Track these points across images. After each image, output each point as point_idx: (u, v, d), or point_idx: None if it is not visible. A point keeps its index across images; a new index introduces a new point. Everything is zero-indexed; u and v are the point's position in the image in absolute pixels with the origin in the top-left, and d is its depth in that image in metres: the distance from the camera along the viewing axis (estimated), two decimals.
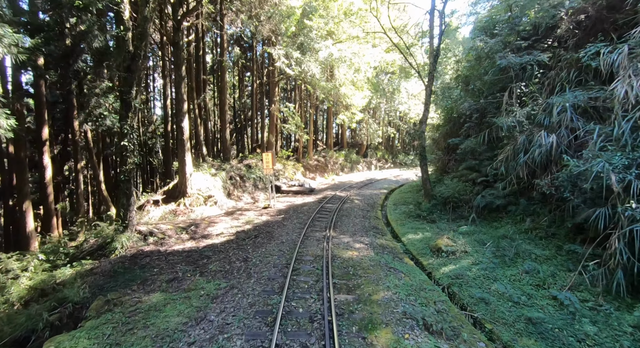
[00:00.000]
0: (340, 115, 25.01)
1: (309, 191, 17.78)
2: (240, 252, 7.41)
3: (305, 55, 15.96)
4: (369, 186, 20.31)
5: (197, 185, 12.85)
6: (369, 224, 10.37)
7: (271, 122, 20.97)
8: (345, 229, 9.49)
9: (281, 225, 9.89)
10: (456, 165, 13.39)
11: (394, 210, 12.75)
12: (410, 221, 10.64)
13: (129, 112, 7.42)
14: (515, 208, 8.71)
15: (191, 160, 12.72)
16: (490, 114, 11.33)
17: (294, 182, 19.97)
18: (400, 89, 29.55)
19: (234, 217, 11.16)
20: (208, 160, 16.21)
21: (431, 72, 11.40)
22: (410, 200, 14.05)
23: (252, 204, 14.55)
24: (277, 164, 21.52)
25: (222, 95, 17.60)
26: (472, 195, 10.47)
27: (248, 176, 17.06)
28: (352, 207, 13.02)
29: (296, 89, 30.00)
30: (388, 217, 11.76)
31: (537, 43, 9.40)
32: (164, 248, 7.70)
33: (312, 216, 10.90)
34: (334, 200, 14.69)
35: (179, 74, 12.09)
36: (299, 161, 25.77)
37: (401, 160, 39.10)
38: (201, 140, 16.57)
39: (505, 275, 5.93)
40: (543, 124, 8.25)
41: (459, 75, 13.80)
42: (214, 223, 10.07)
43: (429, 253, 7.54)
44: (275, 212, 11.98)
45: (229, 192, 14.56)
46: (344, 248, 7.55)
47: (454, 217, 10.40)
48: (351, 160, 31.58)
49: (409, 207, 12.51)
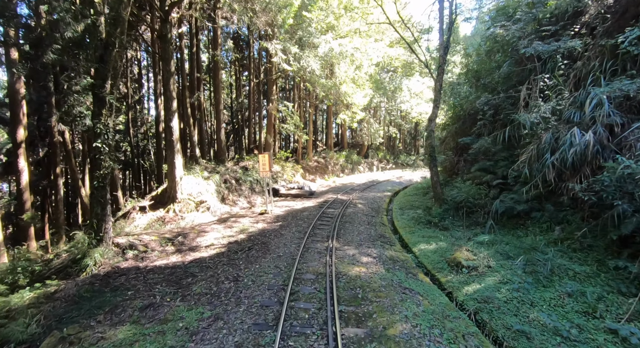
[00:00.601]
0: (340, 115, 24.10)
1: (309, 194, 16.85)
2: (231, 268, 6.46)
3: (304, 51, 15.06)
4: (371, 188, 19.38)
5: (188, 190, 11.91)
6: (375, 232, 9.43)
7: (269, 122, 20.04)
8: (350, 238, 8.55)
9: (278, 234, 8.94)
10: (467, 167, 12.47)
11: (400, 215, 11.81)
12: (421, 228, 9.70)
13: (102, 109, 6.48)
14: (540, 215, 7.78)
15: (181, 163, 11.78)
16: (505, 110, 10.44)
17: (293, 184, 19.04)
18: (402, 87, 28.66)
19: (227, 224, 10.21)
20: (201, 163, 15.27)
21: (441, 66, 10.49)
22: (417, 204, 13.12)
23: (248, 209, 13.61)
24: (275, 166, 20.60)
25: (216, 93, 16.67)
26: (488, 200, 9.54)
27: (244, 179, 16.12)
28: (356, 212, 12.09)
29: (295, 88, 29.09)
30: (395, 224, 10.82)
31: (562, 31, 8.48)
32: (144, 265, 6.75)
33: (313, 223, 9.96)
34: (335, 204, 13.75)
35: (167, 70, 11.16)
36: (298, 162, 24.84)
37: (403, 160, 38.19)
38: (194, 141, 15.63)
39: (543, 298, 4.99)
40: (572, 120, 7.34)
41: (468, 70, 12.90)
42: (204, 233, 9.12)
43: (446, 268, 6.60)
44: (273, 219, 11.04)
45: (223, 197, 13.61)
46: (349, 263, 6.61)
47: (468, 223, 9.47)
48: (352, 161, 30.66)
49: (417, 211, 11.58)
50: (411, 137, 47.04)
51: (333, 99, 20.78)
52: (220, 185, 13.67)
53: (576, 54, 8.47)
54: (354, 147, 36.17)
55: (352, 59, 15.81)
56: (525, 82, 9.84)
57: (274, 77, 19.62)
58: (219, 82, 16.57)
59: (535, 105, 7.99)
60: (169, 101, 11.26)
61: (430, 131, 10.80)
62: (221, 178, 14.06)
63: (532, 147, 7.79)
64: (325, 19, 15.01)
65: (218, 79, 16.51)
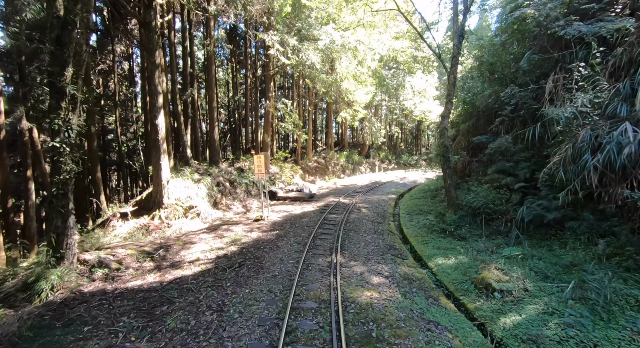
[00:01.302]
0: (341, 113, 23.05)
1: (309, 197, 15.79)
2: (216, 292, 5.39)
3: (304, 44, 13.98)
4: (375, 191, 18.32)
5: (175, 194, 10.83)
6: (384, 243, 8.37)
7: (266, 121, 18.97)
8: (356, 251, 7.49)
9: (274, 246, 7.87)
10: (481, 168, 11.43)
11: (409, 221, 10.76)
12: (434, 237, 8.65)
13: (61, 102, 5.40)
14: (577, 225, 6.73)
15: (168, 165, 10.71)
16: (527, 105, 9.40)
17: (292, 186, 17.97)
18: (405, 85, 27.61)
19: (218, 233, 9.14)
20: (193, 164, 14.19)
21: (455, 56, 9.43)
22: (426, 209, 12.07)
23: (242, 214, 12.53)
24: (273, 167, 19.54)
25: (210, 90, 15.59)
26: (510, 206, 8.50)
27: (239, 181, 15.05)
28: (360, 218, 11.03)
29: (294, 86, 28.04)
30: (404, 231, 9.77)
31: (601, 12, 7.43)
32: (113, 287, 5.68)
33: (313, 232, 8.90)
34: (337, 208, 12.69)
35: (151, 61, 10.08)
36: (298, 163, 23.78)
37: (405, 160, 37.15)
38: (185, 141, 14.55)
39: (608, 338, 3.94)
40: (616, 115, 6.30)
41: (481, 63, 11.85)
42: (191, 244, 8.05)
43: (473, 291, 5.54)
44: (269, 226, 9.97)
45: (215, 201, 12.53)
46: (358, 285, 5.55)
47: (488, 232, 8.42)
48: (353, 162, 29.60)
49: (427, 217, 10.52)
50: (413, 137, 46.02)
51: (334, 95, 19.72)
52: (213, 188, 12.59)
53: (613, 40, 7.44)
54: (355, 147, 35.13)
55: (354, 53, 14.74)
56: (551, 72, 8.82)
57: (272, 73, 18.54)
58: (212, 78, 15.49)
59: (569, 98, 6.94)
60: (154, 97, 10.18)
61: (443, 129, 9.75)
62: (213, 180, 12.98)
63: (566, 146, 6.74)
64: (327, 8, 13.93)
65: (212, 74, 15.43)
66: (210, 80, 15.42)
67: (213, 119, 15.62)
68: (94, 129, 12.36)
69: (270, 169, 19.04)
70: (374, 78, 20.07)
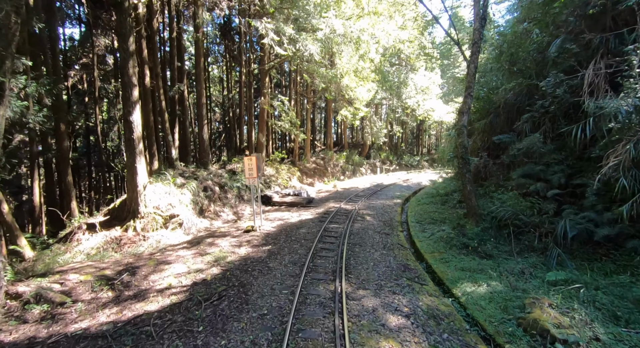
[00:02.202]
0: (341, 111, 21.73)
1: (307, 202, 14.45)
2: (182, 343, 4.03)
3: (301, 34, 12.64)
4: (378, 194, 17.01)
5: (154, 201, 9.46)
6: (396, 261, 7.05)
7: (261, 119, 17.63)
8: (365, 274, 6.16)
9: (265, 267, 6.52)
10: (502, 171, 10.15)
11: (421, 232, 9.45)
12: (455, 254, 7.33)
13: None
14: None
15: (145, 167, 9.34)
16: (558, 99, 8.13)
17: (289, 190, 16.63)
18: (408, 82, 26.36)
19: (200, 249, 7.78)
20: (178, 166, 12.81)
21: (476, 42, 8.13)
22: (439, 217, 10.77)
23: (232, 223, 11.17)
24: (268, 169, 18.19)
25: (198, 84, 14.23)
26: (546, 218, 7.19)
27: (231, 185, 13.68)
28: (365, 228, 9.71)
29: (291, 84, 26.71)
30: (417, 245, 8.45)
31: None
32: (48, 332, 4.31)
33: (313, 247, 7.56)
34: (339, 216, 11.36)
35: (124, 48, 8.71)
36: (295, 164, 22.45)
37: (406, 161, 35.92)
38: (170, 140, 13.16)
39: None
40: None
41: (500, 53, 10.57)
42: (165, 265, 6.69)
43: (521, 337, 4.22)
44: (261, 239, 8.62)
45: (201, 208, 11.15)
46: (371, 330, 4.22)
47: (518, 248, 7.12)
48: (353, 163, 28.31)
49: (442, 228, 9.21)
50: (414, 136, 44.84)
51: (334, 92, 18.40)
52: (199, 193, 11.21)
53: None
54: (355, 147, 33.86)
55: (357, 43, 13.42)
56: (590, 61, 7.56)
57: (267, 67, 17.19)
58: (201, 72, 14.12)
59: (630, 88, 5.65)
60: (128, 89, 8.81)
61: (462, 127, 8.44)
62: (200, 185, 11.61)
63: (626, 146, 5.45)
64: None
65: (200, 67, 14.05)
66: (199, 74, 14.05)
67: (202, 116, 14.25)
68: (64, 127, 10.96)
69: (265, 171, 17.71)
70: (377, 74, 18.77)
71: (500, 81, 11.09)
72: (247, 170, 9.57)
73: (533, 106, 8.44)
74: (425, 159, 38.53)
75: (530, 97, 9.63)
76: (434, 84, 29.43)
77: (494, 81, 11.29)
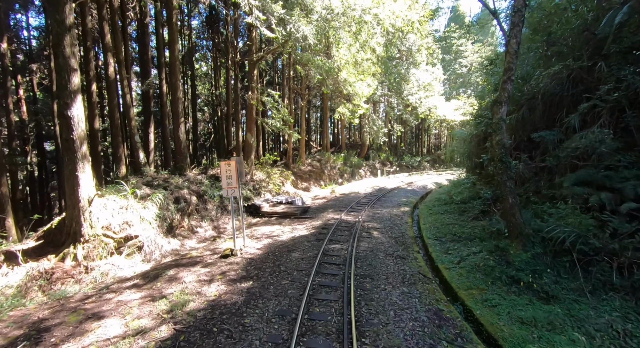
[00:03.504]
0: (339, 109, 19.77)
1: (302, 212, 12.44)
2: None
3: (293, 13, 10.65)
4: (382, 201, 15.06)
5: (104, 220, 7.36)
6: (423, 306, 5.08)
7: (249, 117, 15.58)
8: (386, 338, 4.17)
9: (238, 326, 4.48)
10: (541, 176, 8.26)
11: (443, 253, 7.51)
12: (502, 293, 5.38)
13: None
14: None
15: (91, 176, 7.24)
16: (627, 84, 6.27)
17: (281, 197, 14.61)
18: (410, 77, 24.52)
19: (155, 288, 5.72)
20: (147, 173, 10.70)
21: (519, 10, 6.18)
22: (461, 232, 8.83)
23: (209, 243, 9.11)
24: (258, 173, 16.14)
25: (172, 75, 12.14)
26: (628, 242, 5.28)
27: (212, 194, 11.61)
28: (374, 249, 7.73)
29: (284, 80, 24.68)
30: (443, 274, 6.49)
31: None
32: None
33: (308, 285, 5.55)
34: (340, 231, 9.38)
35: (57, 20, 6.60)
36: (289, 167, 20.42)
37: (407, 162, 34.11)
38: (136, 142, 11.03)
39: None
40: None
41: (534, 32, 8.70)
42: (93, 322, 4.62)
43: None
44: (240, 269, 6.59)
45: (171, 225, 9.05)
46: None
47: (590, 285, 5.20)
48: (352, 164, 26.37)
49: (471, 249, 7.26)
50: (414, 136, 43.10)
51: (331, 86, 16.43)
52: (168, 207, 9.11)
53: None
54: (353, 148, 31.94)
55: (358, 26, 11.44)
56: None
57: (255, 58, 15.16)
58: (176, 60, 12.03)
59: None
60: (64, 74, 6.72)
61: (500, 122, 6.51)
62: (170, 195, 9.52)
63: None
64: None
65: (175, 54, 11.96)
66: (174, 63, 11.95)
67: (178, 113, 12.15)
68: None
69: (254, 175, 15.65)
70: (379, 65, 16.86)
71: (534, 67, 9.24)
72: (224, 178, 7.53)
73: (581, 95, 6.58)
74: (427, 159, 36.79)
75: (575, 84, 7.77)
76: (436, 79, 27.67)
77: (525, 67, 9.43)
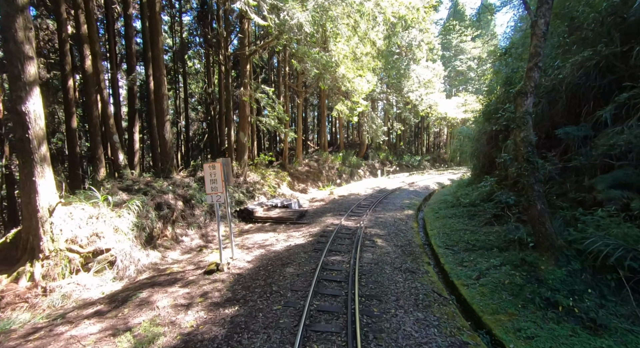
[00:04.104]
0: (337, 106, 18.86)
1: (298, 217, 11.52)
2: None
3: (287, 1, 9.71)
4: (384, 204, 14.17)
5: (69, 231, 6.38)
6: (440, 334, 4.18)
7: (242, 115, 14.61)
8: None
9: None
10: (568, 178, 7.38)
11: (459, 267, 6.61)
12: (538, 320, 4.48)
13: None
14: None
15: (52, 182, 6.26)
16: None
17: (276, 200, 13.68)
18: (410, 74, 23.65)
19: (119, 317, 4.76)
20: (127, 176, 9.71)
21: None
22: (474, 239, 7.94)
23: (194, 255, 8.15)
24: (252, 174, 15.19)
25: (155, 69, 11.13)
26: None
27: (200, 198, 10.64)
28: (380, 262, 6.82)
29: (280, 77, 23.71)
30: (460, 292, 5.59)
31: None
32: None
33: (304, 310, 4.62)
34: (340, 239, 8.46)
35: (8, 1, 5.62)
36: (285, 168, 19.47)
37: (407, 161, 33.29)
38: (115, 141, 10.01)
39: None
40: None
41: (555, 15, 7.82)
42: None
43: None
44: (226, 289, 5.64)
45: (151, 235, 8.07)
46: None
47: None
48: (350, 164, 25.48)
49: (491, 262, 6.37)
50: (413, 135, 42.28)
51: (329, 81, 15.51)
52: (148, 214, 8.12)
53: None
54: (351, 147, 31.06)
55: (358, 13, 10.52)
56: None
57: (248, 52, 14.19)
58: (159, 52, 11.02)
59: None
60: (16, 62, 5.74)
61: (525, 116, 5.62)
62: (151, 201, 8.54)
63: None
64: None
65: (158, 46, 10.95)
66: (158, 57, 10.95)
67: (162, 111, 11.16)
68: None
69: (248, 177, 14.69)
70: (379, 59, 15.94)
71: (552, 57, 8.36)
72: (208, 183, 6.58)
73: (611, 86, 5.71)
74: (427, 158, 36.00)
75: (603, 74, 6.91)
76: (436, 76, 26.83)
77: (553, 48, 8.52)
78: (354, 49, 15.00)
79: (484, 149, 11.74)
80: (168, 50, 29.30)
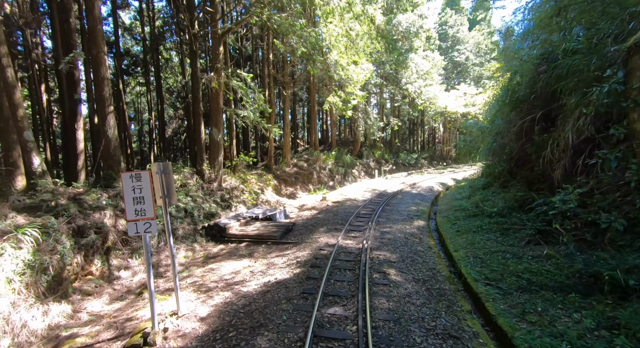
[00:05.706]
0: (329, 98, 16.46)
1: (283, 233, 9.08)
2: None
3: None
4: (388, 212, 11.85)
5: None
6: None
7: (214, 107, 12.02)
8: None
9: None
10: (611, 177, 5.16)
11: (526, 327, 4.28)
12: None
13: None
14: None
15: None
16: None
17: (258, 209, 11.21)
18: (408, 63, 21.45)
19: None
20: (46, 185, 7.04)
21: None
22: (528, 271, 5.66)
23: (126, 304, 5.59)
24: (230, 180, 12.66)
25: (92, 44, 8.46)
26: None
27: None
28: (401, 317, 4.44)
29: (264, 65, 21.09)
30: None
31: None
32: None
33: None
34: (339, 272, 6.06)
35: None
36: (270, 169, 16.97)
37: (403, 159, 31.23)
38: (26, 140, 7.31)
39: None
40: None
41: None
42: None
43: None
44: None
45: (59, 277, 5.45)
46: None
47: None
48: (344, 164, 23.14)
49: (573, 316, 4.12)
50: (408, 131, 40.29)
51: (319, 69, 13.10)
52: (55, 247, 5.51)
53: None
54: (344, 145, 28.73)
55: None
56: None
57: (220, 31, 11.60)
58: (96, 24, 8.35)
59: None
60: None
61: None
62: (66, 225, 5.92)
63: None
64: None
65: (94, 14, 8.28)
66: (93, 27, 8.27)
67: (103, 99, 8.53)
68: None
69: (224, 182, 12.13)
70: (379, 40, 13.60)
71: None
72: (129, 202, 4.10)
73: None
74: (424, 156, 34.05)
75: None
76: (435, 66, 24.74)
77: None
78: (348, 31, 12.63)
79: (512, 144, 9.55)
80: (139, 40, 26.35)
